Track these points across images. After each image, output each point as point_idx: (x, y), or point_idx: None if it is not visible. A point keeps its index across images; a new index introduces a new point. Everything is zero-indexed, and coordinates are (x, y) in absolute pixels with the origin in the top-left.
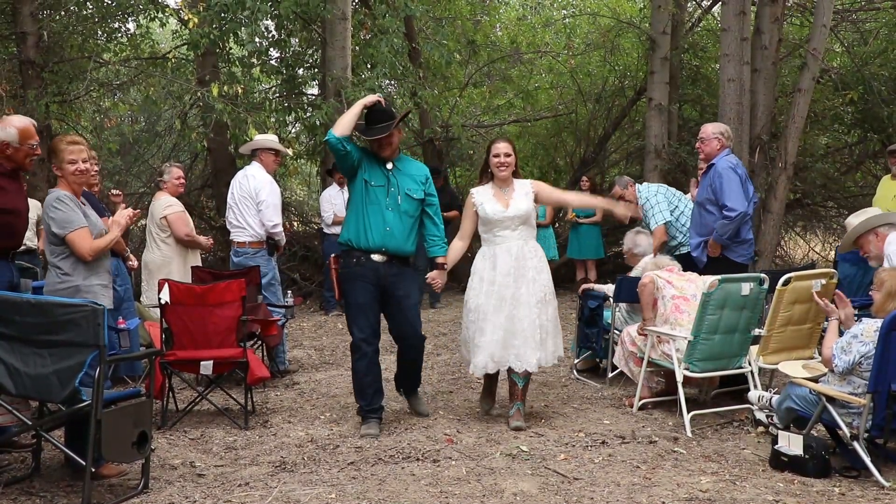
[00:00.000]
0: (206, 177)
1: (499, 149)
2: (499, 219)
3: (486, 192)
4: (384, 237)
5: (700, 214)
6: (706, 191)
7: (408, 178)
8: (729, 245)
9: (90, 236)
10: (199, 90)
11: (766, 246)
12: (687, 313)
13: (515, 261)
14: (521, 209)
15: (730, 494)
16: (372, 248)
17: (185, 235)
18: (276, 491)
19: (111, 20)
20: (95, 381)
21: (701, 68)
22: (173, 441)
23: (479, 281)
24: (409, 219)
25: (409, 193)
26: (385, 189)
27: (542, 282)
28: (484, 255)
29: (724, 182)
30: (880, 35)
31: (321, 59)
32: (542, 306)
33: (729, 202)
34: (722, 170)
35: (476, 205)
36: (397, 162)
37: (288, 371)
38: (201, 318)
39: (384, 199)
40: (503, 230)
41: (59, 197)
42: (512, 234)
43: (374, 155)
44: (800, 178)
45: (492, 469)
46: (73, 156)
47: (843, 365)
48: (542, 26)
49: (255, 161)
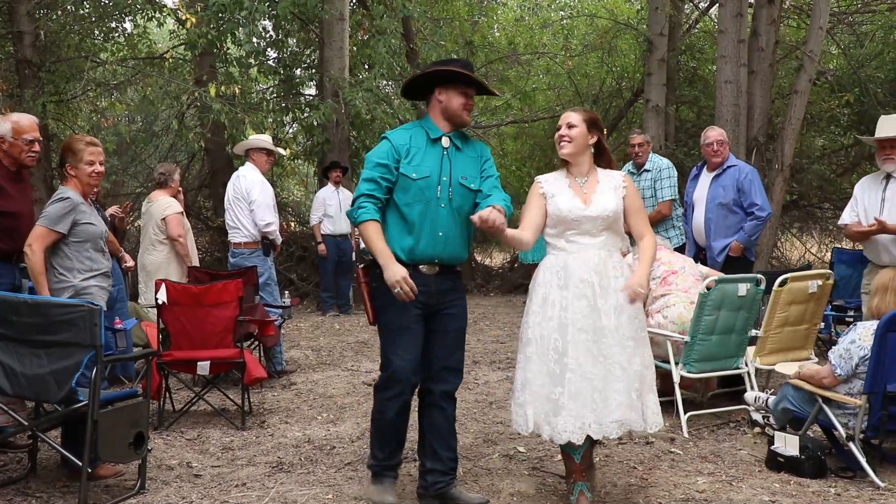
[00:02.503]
0: (203, 177)
1: (563, 119)
2: (575, 218)
3: (558, 180)
4: (437, 245)
5: (725, 217)
6: (731, 192)
7: (465, 160)
8: (752, 245)
9: (47, 240)
10: (196, 90)
11: (762, 247)
12: (674, 284)
13: (596, 277)
14: (607, 208)
15: (726, 495)
16: (419, 260)
17: (179, 236)
18: (272, 491)
19: (108, 20)
20: (92, 381)
21: (698, 70)
22: (170, 441)
23: (542, 303)
24: (464, 216)
25: (463, 183)
26: (435, 181)
27: (633, 311)
28: (550, 267)
29: (755, 183)
30: (876, 37)
31: (319, 59)
32: (635, 345)
33: (759, 201)
34: (749, 171)
35: (546, 195)
36: (455, 139)
37: (285, 371)
38: (198, 318)
39: (433, 195)
40: (580, 235)
41: (63, 196)
42: (592, 242)
43: (421, 133)
44: (796, 180)
45: (489, 470)
46: (92, 157)
47: (844, 373)
48: (539, 27)
49: (248, 161)
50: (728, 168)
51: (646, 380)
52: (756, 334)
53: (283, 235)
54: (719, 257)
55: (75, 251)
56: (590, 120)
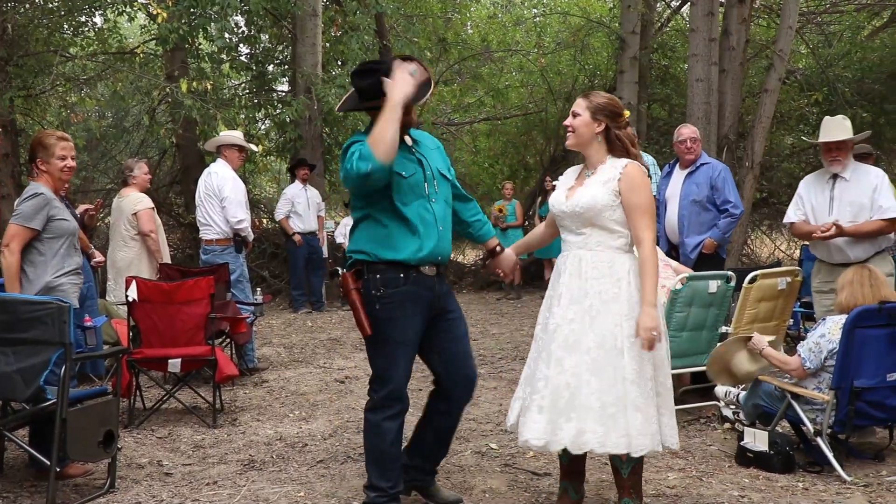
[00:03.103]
0: (174, 173)
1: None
2: (556, 213)
3: (572, 174)
4: (439, 240)
5: (699, 214)
6: (705, 189)
7: (432, 153)
8: (725, 242)
9: (24, 239)
10: (167, 86)
11: (733, 244)
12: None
13: (572, 279)
14: (579, 202)
15: (696, 490)
16: (425, 259)
17: (150, 232)
18: (244, 489)
19: (78, 14)
20: (61, 379)
21: (670, 68)
22: (140, 440)
23: (548, 298)
24: (450, 208)
25: (442, 173)
26: (422, 175)
27: (612, 318)
28: (557, 264)
29: (728, 180)
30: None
31: (291, 55)
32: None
33: (732, 198)
34: (722, 168)
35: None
36: (412, 135)
37: (257, 369)
38: (169, 315)
39: (424, 190)
40: (565, 231)
41: (36, 192)
42: (574, 240)
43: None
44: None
45: (461, 466)
46: (63, 152)
47: (813, 366)
48: (512, 25)
49: (219, 158)
50: (701, 165)
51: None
52: (726, 331)
53: (254, 232)
54: (692, 254)
55: (48, 247)
56: (595, 107)
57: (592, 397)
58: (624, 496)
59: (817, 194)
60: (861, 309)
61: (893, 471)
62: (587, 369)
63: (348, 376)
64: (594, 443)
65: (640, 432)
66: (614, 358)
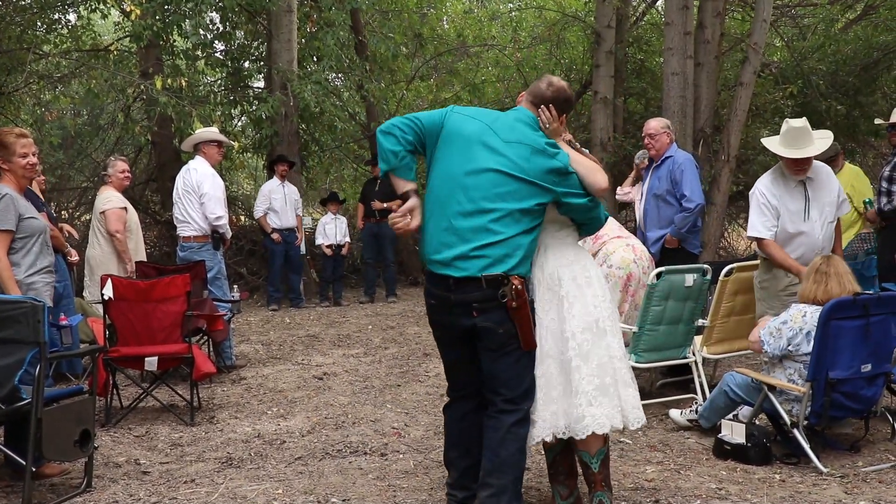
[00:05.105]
0: (150, 171)
1: None
2: None
3: None
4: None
5: (658, 207)
6: (665, 183)
7: None
8: (687, 237)
9: (6, 242)
10: (142, 83)
11: (709, 237)
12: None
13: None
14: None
15: (674, 483)
16: None
17: (116, 231)
18: (222, 487)
19: (51, 11)
20: (36, 378)
21: (645, 62)
22: (117, 439)
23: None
24: None
25: None
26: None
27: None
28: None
29: (687, 173)
30: (818, 30)
31: (267, 51)
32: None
33: (688, 192)
34: (683, 161)
35: None
36: None
37: (234, 366)
38: (145, 313)
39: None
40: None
41: (1, 193)
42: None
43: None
44: (742, 171)
45: (439, 462)
46: (24, 149)
47: (772, 350)
48: (488, 20)
49: (198, 155)
50: (666, 159)
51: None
52: (703, 324)
53: (232, 229)
54: (653, 248)
55: (20, 246)
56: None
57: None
58: (596, 489)
59: (792, 201)
60: (836, 301)
61: (869, 462)
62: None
63: (326, 373)
64: (594, 425)
65: (634, 406)
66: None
